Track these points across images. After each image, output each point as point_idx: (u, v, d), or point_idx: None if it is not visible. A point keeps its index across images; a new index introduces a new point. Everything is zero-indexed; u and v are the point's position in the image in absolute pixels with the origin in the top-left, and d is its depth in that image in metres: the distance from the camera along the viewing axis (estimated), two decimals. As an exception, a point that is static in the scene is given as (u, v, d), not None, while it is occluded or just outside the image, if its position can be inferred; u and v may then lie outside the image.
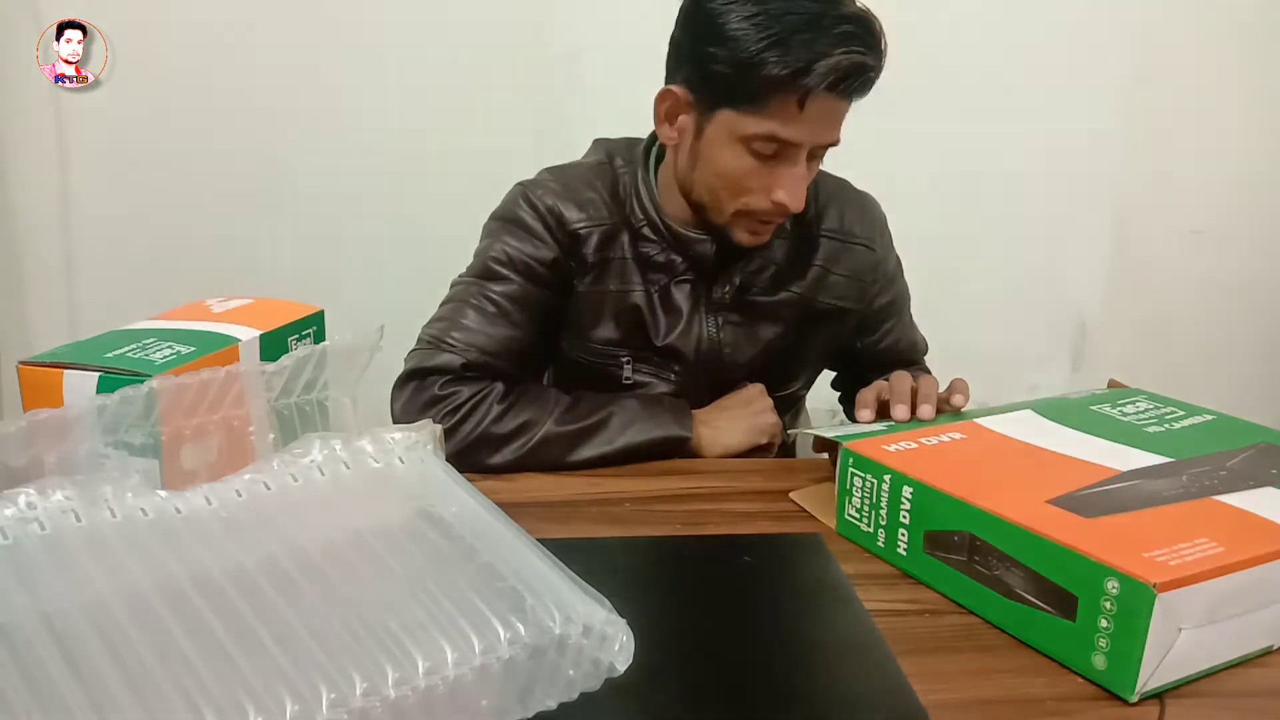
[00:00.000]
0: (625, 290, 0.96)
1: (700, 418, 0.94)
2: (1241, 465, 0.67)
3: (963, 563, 0.62)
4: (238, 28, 1.54)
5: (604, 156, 1.00)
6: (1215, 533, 0.56)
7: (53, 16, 1.51)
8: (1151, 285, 1.76)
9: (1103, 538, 0.55)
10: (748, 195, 0.88)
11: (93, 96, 1.55)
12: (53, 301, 1.63)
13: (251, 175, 1.59)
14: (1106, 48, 1.64)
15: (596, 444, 0.89)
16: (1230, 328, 1.79)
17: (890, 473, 0.68)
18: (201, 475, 0.60)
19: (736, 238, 0.92)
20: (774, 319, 0.99)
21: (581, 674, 0.48)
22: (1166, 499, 0.61)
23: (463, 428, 0.87)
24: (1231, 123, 1.69)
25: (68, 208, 1.60)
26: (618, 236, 0.96)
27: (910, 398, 0.81)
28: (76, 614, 0.42)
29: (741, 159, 0.86)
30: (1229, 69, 1.67)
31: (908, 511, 0.66)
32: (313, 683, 0.41)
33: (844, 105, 0.85)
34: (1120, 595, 0.52)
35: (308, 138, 1.58)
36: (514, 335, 0.93)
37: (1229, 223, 1.74)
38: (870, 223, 1.04)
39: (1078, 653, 0.55)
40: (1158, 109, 1.67)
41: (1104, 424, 0.76)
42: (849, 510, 0.72)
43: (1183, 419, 0.77)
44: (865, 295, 1.04)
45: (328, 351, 0.65)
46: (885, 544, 0.69)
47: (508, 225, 0.96)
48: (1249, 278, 1.76)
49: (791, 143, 0.84)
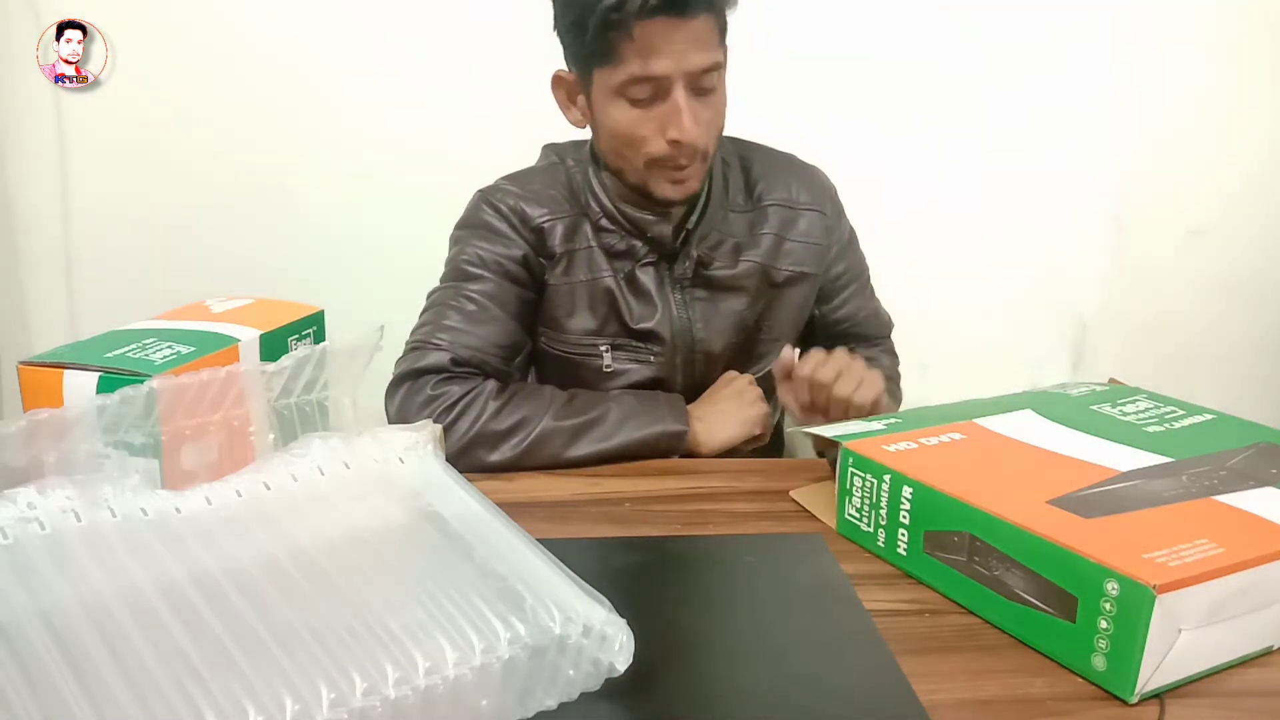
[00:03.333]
0: (595, 278, 0.99)
1: (694, 413, 0.95)
2: (1242, 465, 0.67)
3: (962, 563, 0.62)
4: (238, 28, 1.54)
5: (555, 159, 1.04)
6: (1215, 533, 0.56)
7: (53, 16, 1.51)
8: (1151, 285, 1.76)
9: (1102, 538, 0.55)
10: (645, 145, 0.90)
11: (93, 96, 1.55)
12: (53, 301, 1.63)
13: (252, 175, 1.58)
14: (1107, 48, 1.64)
15: (594, 439, 0.89)
16: (1230, 327, 1.79)
17: (890, 473, 0.68)
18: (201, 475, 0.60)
19: (661, 192, 0.94)
20: (737, 290, 1.02)
21: (581, 674, 0.48)
22: (1166, 499, 0.61)
23: (459, 425, 0.88)
24: (1231, 123, 1.69)
25: (68, 208, 1.60)
26: (580, 228, 0.99)
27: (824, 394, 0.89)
28: (76, 614, 0.42)
29: (626, 112, 0.89)
30: (1229, 69, 1.67)
31: (907, 511, 0.66)
32: (313, 683, 0.41)
33: (690, 23, 0.84)
34: (1120, 596, 0.52)
35: (308, 138, 1.58)
36: (497, 331, 0.95)
37: (1228, 223, 1.73)
38: (818, 190, 1.07)
39: (1077, 653, 0.55)
40: (1158, 109, 1.67)
41: (1104, 424, 0.76)
42: (849, 510, 0.72)
43: (1183, 418, 0.77)
44: (823, 259, 1.07)
45: (328, 351, 0.65)
46: (885, 544, 0.69)
47: (475, 230, 0.99)
48: (1249, 278, 1.76)
49: (657, 77, 0.85)
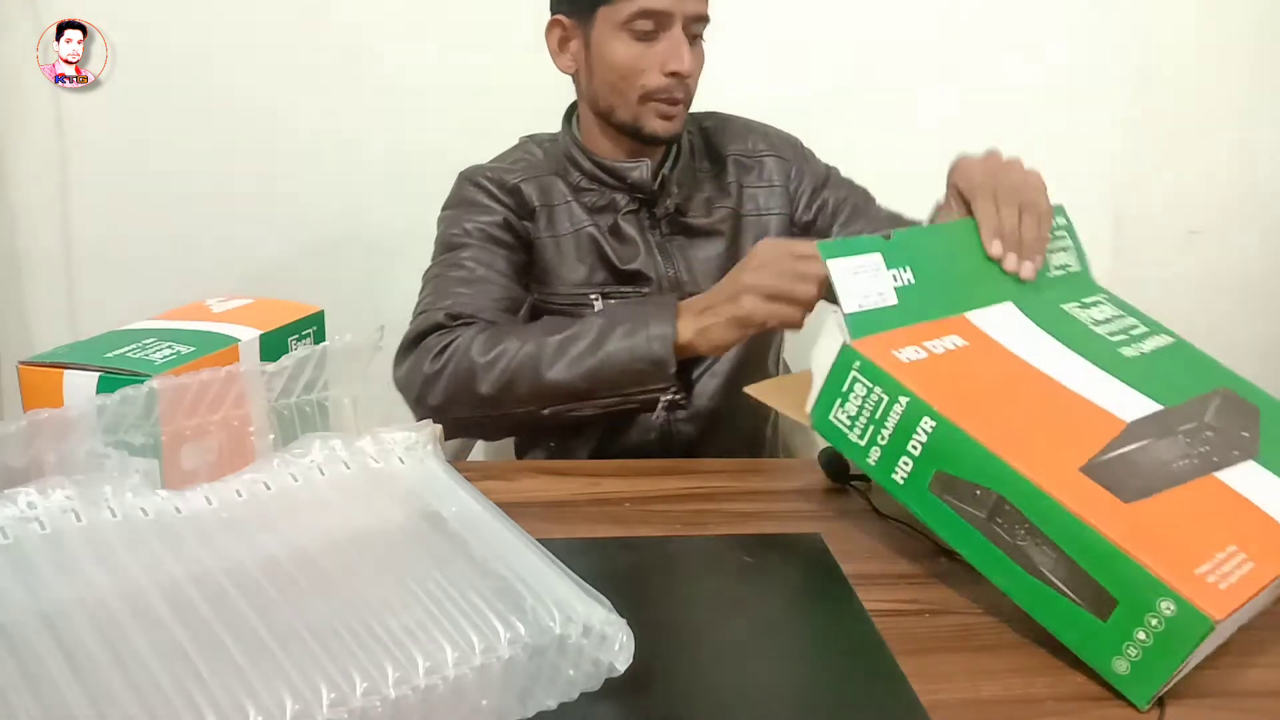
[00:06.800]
0: (578, 229, 1.04)
1: (687, 308, 0.87)
2: (1219, 422, 0.67)
3: (979, 519, 0.58)
4: (238, 27, 1.53)
5: (527, 141, 1.12)
6: (1239, 537, 0.55)
7: (53, 16, 1.50)
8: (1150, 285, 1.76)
9: (1148, 537, 0.53)
10: (643, 77, 0.97)
11: (93, 96, 1.55)
12: (53, 301, 1.63)
13: (252, 175, 1.58)
14: (1107, 48, 1.64)
15: (579, 355, 0.86)
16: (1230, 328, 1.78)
17: (908, 395, 0.61)
18: (201, 475, 0.60)
19: (652, 128, 1.00)
20: (714, 235, 1.08)
21: (581, 674, 0.48)
22: (1178, 474, 0.60)
23: (448, 366, 0.90)
24: (1232, 123, 1.69)
25: (68, 208, 1.59)
26: (555, 186, 1.05)
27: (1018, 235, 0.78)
28: (76, 614, 0.42)
29: (629, 45, 0.97)
30: (1229, 69, 1.67)
31: (921, 444, 0.60)
32: (313, 682, 0.41)
33: None
34: (1174, 618, 0.50)
35: (308, 138, 1.58)
36: (493, 289, 0.98)
37: (1228, 223, 1.73)
38: (774, 138, 1.13)
39: (1097, 651, 0.53)
40: (1158, 109, 1.67)
41: (1082, 337, 0.73)
42: (838, 413, 0.65)
43: (1146, 336, 0.76)
44: (787, 198, 1.11)
45: (328, 351, 0.65)
46: (878, 463, 0.63)
47: (458, 209, 1.05)
48: (1249, 278, 1.76)
49: (661, 12, 0.95)
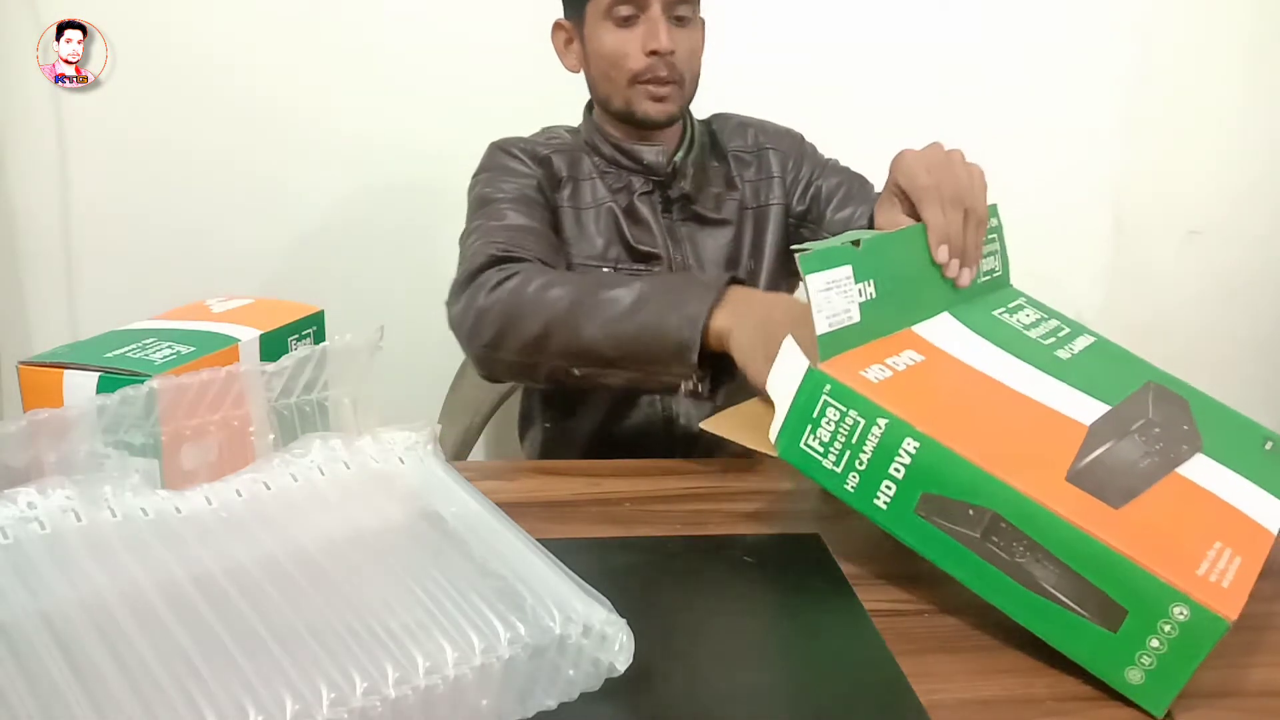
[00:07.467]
0: (599, 203, 1.08)
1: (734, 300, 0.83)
2: (1159, 416, 0.67)
3: (973, 539, 0.56)
4: (238, 27, 1.53)
5: (549, 128, 1.16)
6: (1220, 533, 0.56)
7: (53, 16, 1.50)
8: (1151, 285, 1.76)
9: (1147, 542, 0.53)
10: (628, 61, 1.02)
11: (93, 96, 1.55)
12: (53, 301, 1.63)
13: (252, 175, 1.58)
14: (1106, 47, 1.64)
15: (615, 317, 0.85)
16: (1230, 328, 1.79)
17: (887, 416, 0.58)
18: (201, 475, 0.60)
19: (643, 111, 1.04)
20: (722, 224, 1.12)
21: (581, 674, 0.48)
22: (1146, 473, 0.60)
23: (501, 300, 0.89)
24: (1231, 123, 1.69)
25: (68, 208, 1.59)
26: (582, 161, 1.10)
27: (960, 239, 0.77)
28: (76, 614, 0.42)
29: (613, 33, 1.02)
30: (1229, 69, 1.67)
31: (905, 466, 0.58)
32: (313, 682, 0.41)
33: None
34: (1189, 623, 0.50)
35: (309, 138, 1.58)
36: (540, 239, 1.01)
37: (1228, 223, 1.73)
38: (773, 132, 1.17)
39: (1108, 663, 0.53)
40: (1157, 108, 1.67)
41: (1019, 342, 0.72)
42: (809, 440, 0.62)
43: (1072, 337, 0.77)
44: (784, 187, 1.14)
45: (328, 351, 0.65)
46: (857, 489, 0.60)
47: (490, 172, 1.07)
48: (1248, 278, 1.76)
49: None
